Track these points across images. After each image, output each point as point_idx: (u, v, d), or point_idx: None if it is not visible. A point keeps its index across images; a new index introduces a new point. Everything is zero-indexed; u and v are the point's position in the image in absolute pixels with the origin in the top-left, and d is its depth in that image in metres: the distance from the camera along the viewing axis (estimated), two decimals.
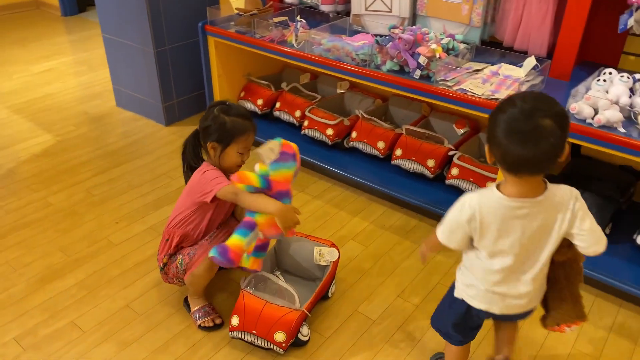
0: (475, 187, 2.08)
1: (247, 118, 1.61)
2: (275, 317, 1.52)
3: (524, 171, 1.09)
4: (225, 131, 1.56)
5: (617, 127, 1.62)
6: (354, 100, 2.65)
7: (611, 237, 1.91)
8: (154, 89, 2.85)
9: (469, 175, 2.08)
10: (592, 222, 1.18)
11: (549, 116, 1.03)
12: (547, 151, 1.05)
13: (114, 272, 1.89)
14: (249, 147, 1.62)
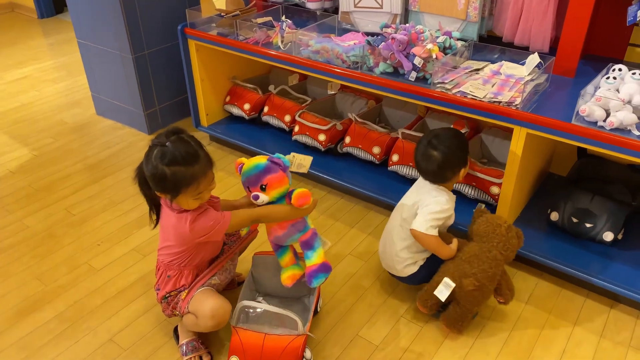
0: (479, 192, 1.97)
1: (191, 162, 1.33)
2: (279, 348, 1.40)
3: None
4: (167, 185, 1.33)
5: (631, 129, 1.51)
6: (346, 101, 2.52)
7: (624, 243, 1.82)
8: (134, 96, 2.70)
9: (471, 180, 1.97)
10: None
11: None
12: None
13: (96, 302, 1.76)
14: (206, 189, 1.39)
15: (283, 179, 1.47)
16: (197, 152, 1.37)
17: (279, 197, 1.48)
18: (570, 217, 1.80)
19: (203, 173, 1.36)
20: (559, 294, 1.76)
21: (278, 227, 1.52)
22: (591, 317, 1.68)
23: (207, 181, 1.38)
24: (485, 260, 1.54)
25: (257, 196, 1.46)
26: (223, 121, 2.67)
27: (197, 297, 1.46)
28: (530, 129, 1.61)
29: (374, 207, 2.21)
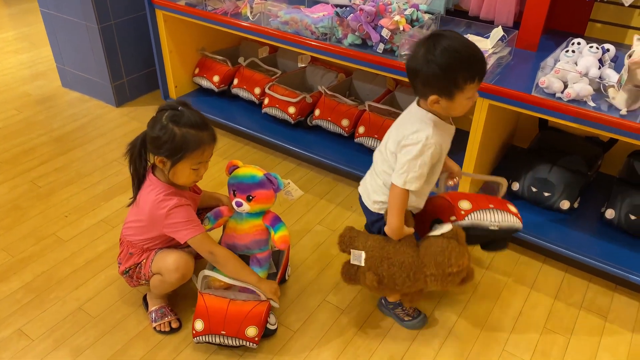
0: None
1: (202, 128, 1.37)
2: (243, 312, 1.43)
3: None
4: (175, 145, 1.34)
5: (587, 101, 1.57)
6: (316, 74, 2.53)
7: (579, 212, 1.90)
8: (101, 68, 2.65)
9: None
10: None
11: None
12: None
13: (64, 272, 1.76)
14: (205, 161, 1.43)
15: (271, 197, 1.51)
16: (207, 121, 1.41)
17: (258, 212, 1.53)
18: (529, 187, 1.87)
19: (209, 142, 1.40)
20: (518, 260, 1.84)
21: (240, 237, 1.54)
22: (547, 281, 1.76)
23: (209, 152, 1.41)
24: (408, 276, 1.35)
25: (241, 203, 1.49)
26: (192, 93, 2.65)
27: (158, 256, 1.48)
28: (491, 100, 1.66)
29: (342, 179, 2.24)
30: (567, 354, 1.52)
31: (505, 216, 1.46)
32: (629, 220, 1.74)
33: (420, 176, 1.31)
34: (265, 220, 1.54)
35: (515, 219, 1.48)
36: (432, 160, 1.31)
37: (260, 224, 1.53)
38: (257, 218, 1.53)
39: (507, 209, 1.49)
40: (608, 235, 1.80)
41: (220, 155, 2.38)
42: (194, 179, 1.44)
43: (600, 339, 1.57)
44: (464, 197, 1.50)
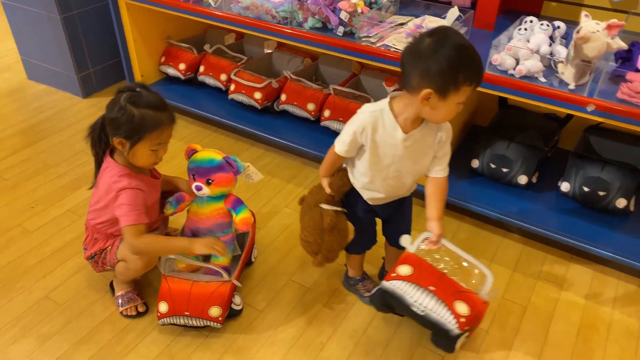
0: None
1: (161, 109, 1.39)
2: (206, 293, 1.46)
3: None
4: (133, 126, 1.35)
5: (537, 77, 1.61)
6: (282, 60, 2.54)
7: (537, 186, 1.96)
8: (66, 59, 2.63)
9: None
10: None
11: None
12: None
13: (30, 262, 1.76)
14: (164, 142, 1.43)
15: (231, 180, 1.53)
16: (165, 103, 1.43)
17: (219, 195, 1.54)
18: (488, 163, 1.92)
19: (168, 123, 1.41)
20: (478, 235, 1.89)
21: (202, 221, 1.55)
22: (506, 254, 1.82)
23: (168, 132, 1.42)
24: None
25: (200, 187, 1.51)
26: (159, 82, 2.64)
27: (123, 243, 1.49)
28: None
29: (310, 163, 2.27)
30: (523, 322, 1.58)
31: (440, 309, 1.24)
32: (583, 192, 1.80)
33: (343, 141, 1.33)
34: (227, 203, 1.56)
35: (451, 319, 1.23)
36: (356, 133, 1.30)
37: (222, 207, 1.56)
38: (219, 201, 1.56)
39: (452, 306, 1.24)
40: (564, 207, 1.86)
41: (188, 142, 2.39)
42: (153, 161, 1.45)
43: (556, 307, 1.63)
44: (421, 265, 1.32)
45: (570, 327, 1.57)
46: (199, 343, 1.50)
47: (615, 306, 1.64)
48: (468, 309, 1.23)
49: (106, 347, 1.49)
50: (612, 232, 1.77)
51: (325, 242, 1.42)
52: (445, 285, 1.28)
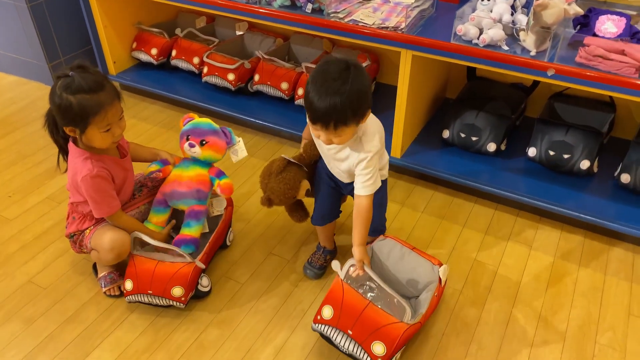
0: None
1: (96, 90, 1.32)
2: (169, 273, 1.48)
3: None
4: (74, 114, 1.32)
5: (500, 45, 1.67)
6: (254, 41, 2.56)
7: (506, 153, 2.03)
8: (35, 49, 2.60)
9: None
10: None
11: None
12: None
13: (11, 249, 1.77)
14: (114, 121, 1.38)
15: (222, 148, 1.61)
16: (102, 81, 1.36)
17: (207, 161, 1.61)
18: (458, 133, 1.98)
19: (110, 102, 1.36)
20: (452, 203, 1.96)
21: (182, 184, 1.59)
22: (478, 219, 1.89)
23: (114, 111, 1.37)
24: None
25: (194, 145, 1.58)
26: (132, 68, 2.64)
27: (97, 233, 1.51)
28: (414, 50, 1.74)
29: (286, 142, 2.31)
30: (495, 280, 1.66)
31: (359, 351, 1.30)
32: (549, 155, 1.87)
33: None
34: (211, 172, 1.61)
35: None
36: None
37: (205, 174, 1.60)
38: (204, 168, 1.61)
39: (369, 349, 1.29)
40: (532, 172, 1.94)
41: (164, 126, 2.40)
42: (110, 141, 1.42)
43: (526, 265, 1.71)
44: (342, 304, 1.34)
45: (540, 283, 1.65)
46: (183, 317, 1.54)
47: (581, 263, 1.72)
48: (384, 348, 1.27)
49: (92, 325, 1.52)
50: (577, 193, 1.85)
51: (270, 183, 1.50)
52: (364, 324, 1.30)
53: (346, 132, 1.26)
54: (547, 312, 1.56)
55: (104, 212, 1.47)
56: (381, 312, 1.31)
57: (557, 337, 1.48)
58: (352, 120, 1.24)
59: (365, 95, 1.25)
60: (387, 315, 1.30)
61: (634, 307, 1.57)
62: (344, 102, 1.20)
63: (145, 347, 1.46)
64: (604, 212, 1.77)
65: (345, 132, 1.26)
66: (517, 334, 1.49)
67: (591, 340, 1.48)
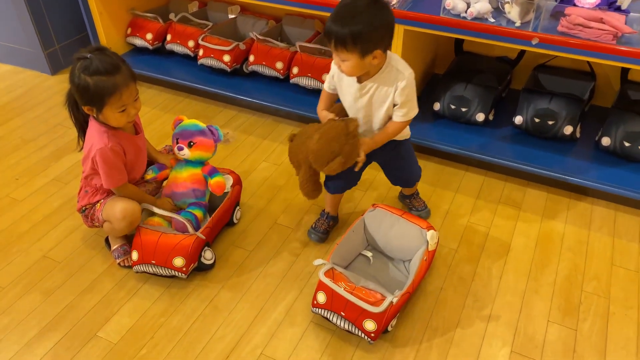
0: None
1: (113, 72, 1.39)
2: (171, 244, 1.55)
3: None
4: (91, 95, 1.40)
5: (487, 17, 1.76)
6: (246, 23, 2.62)
7: (494, 122, 2.13)
8: (31, 37, 2.64)
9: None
10: None
11: None
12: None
13: (23, 228, 1.84)
14: (129, 102, 1.45)
15: (211, 146, 1.68)
16: (119, 64, 1.43)
17: (198, 161, 1.68)
18: (448, 105, 2.08)
19: (125, 84, 1.42)
20: (443, 171, 2.06)
21: (179, 185, 1.68)
22: (469, 185, 1.99)
23: (129, 93, 1.44)
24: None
25: (182, 148, 1.66)
26: (128, 54, 2.68)
27: (108, 204, 1.58)
28: (405, 25, 1.83)
29: (283, 120, 2.38)
30: (487, 240, 1.76)
31: (353, 329, 1.40)
32: (534, 123, 1.97)
33: (327, 79, 1.56)
34: (204, 170, 1.69)
35: (364, 336, 1.40)
36: (331, 77, 1.53)
37: (198, 173, 1.69)
38: (197, 167, 1.69)
39: (361, 326, 1.37)
40: (519, 139, 2.04)
41: (162, 109, 2.46)
42: (125, 120, 1.49)
43: (516, 225, 1.82)
44: (333, 291, 1.40)
45: (529, 240, 1.76)
46: (196, 284, 1.62)
47: (567, 221, 1.83)
48: (375, 324, 1.36)
49: (109, 294, 1.60)
50: (562, 156, 1.96)
51: (347, 146, 1.43)
52: (354, 306, 1.37)
53: (348, 57, 1.32)
54: (536, 266, 1.67)
55: (113, 183, 1.54)
56: (367, 292, 1.38)
57: (546, 288, 1.60)
58: (351, 45, 1.30)
59: (374, 31, 1.30)
60: (373, 294, 1.38)
61: (616, 258, 1.69)
62: (348, 23, 1.28)
63: (162, 311, 1.54)
64: (587, 173, 1.88)
65: (346, 57, 1.32)
66: (510, 286, 1.60)
67: (578, 289, 1.59)
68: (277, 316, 1.52)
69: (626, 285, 1.60)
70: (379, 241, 1.65)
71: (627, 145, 1.87)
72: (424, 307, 1.55)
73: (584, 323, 1.50)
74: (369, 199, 1.94)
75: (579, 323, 1.50)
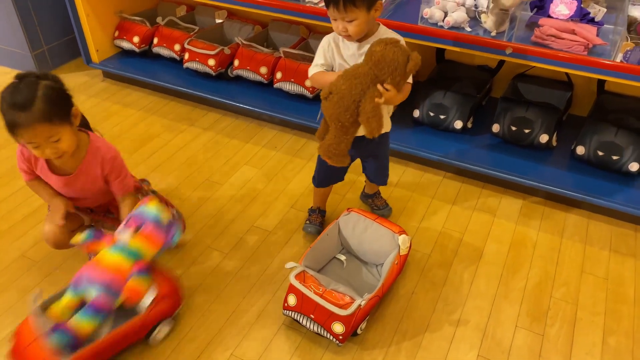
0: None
1: (20, 109, 1.25)
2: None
3: None
4: (4, 122, 1.30)
5: (464, 26, 1.79)
6: (233, 28, 2.65)
7: (473, 130, 2.17)
8: (18, 37, 2.66)
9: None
10: None
11: None
12: None
13: (2, 227, 1.85)
14: (38, 141, 1.30)
15: (158, 243, 1.36)
16: (32, 101, 1.27)
17: (135, 253, 1.34)
18: (428, 112, 2.11)
19: (28, 124, 1.27)
20: (422, 177, 2.09)
21: (97, 270, 1.32)
22: (446, 192, 2.02)
23: (34, 133, 1.29)
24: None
25: (128, 228, 1.36)
26: (115, 56, 2.71)
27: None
28: None
29: (266, 124, 2.41)
30: (461, 245, 1.79)
31: (322, 331, 1.42)
32: (511, 131, 2.01)
33: (316, 62, 1.51)
34: (134, 267, 1.32)
35: (332, 339, 1.42)
36: (325, 51, 1.50)
37: (126, 269, 1.31)
38: (130, 259, 1.32)
39: (330, 329, 1.40)
40: (496, 147, 2.08)
41: (147, 111, 2.49)
42: (42, 156, 1.37)
43: (489, 231, 1.84)
44: (302, 294, 1.42)
45: (502, 246, 1.78)
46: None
47: (541, 228, 1.86)
48: (343, 327, 1.39)
49: None
50: (537, 164, 1.99)
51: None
52: (323, 308, 1.39)
53: (357, 15, 1.34)
54: (508, 271, 1.70)
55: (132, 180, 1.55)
56: (336, 295, 1.40)
57: (516, 293, 1.62)
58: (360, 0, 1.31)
59: None
60: (342, 297, 1.40)
61: (587, 265, 1.72)
62: None
63: None
64: (562, 181, 1.91)
65: (355, 15, 1.34)
66: (481, 291, 1.63)
67: (547, 295, 1.62)
68: (249, 318, 1.54)
69: (594, 292, 1.63)
70: (352, 245, 1.67)
71: (601, 154, 1.90)
72: (394, 311, 1.57)
73: (551, 328, 1.52)
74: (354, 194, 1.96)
75: (546, 328, 1.52)
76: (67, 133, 1.35)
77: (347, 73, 1.37)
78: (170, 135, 2.33)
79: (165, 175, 2.10)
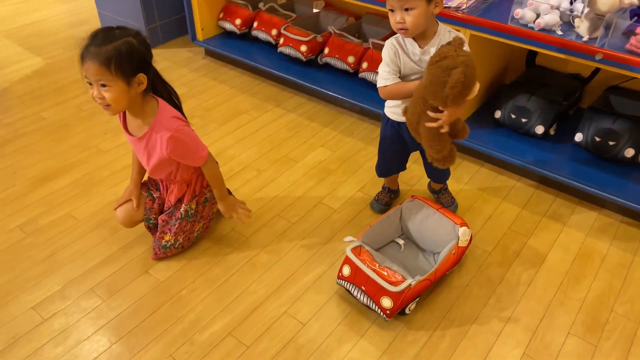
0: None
1: (90, 42, 1.37)
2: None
3: None
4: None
5: (555, 30, 1.77)
6: (328, 18, 2.77)
7: (555, 137, 2.12)
8: (136, 13, 2.95)
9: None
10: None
11: None
12: None
13: (103, 174, 2.10)
14: (91, 78, 1.38)
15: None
16: (102, 41, 1.37)
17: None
18: (509, 114, 2.09)
19: (88, 57, 1.36)
20: (495, 178, 2.08)
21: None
22: (518, 195, 2.00)
23: (87, 68, 1.36)
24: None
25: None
26: (217, 36, 2.93)
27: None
28: (472, 30, 1.88)
29: (346, 111, 2.50)
30: (524, 248, 1.77)
31: (371, 303, 1.48)
32: (594, 141, 1.94)
33: (382, 74, 1.52)
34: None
35: (380, 312, 1.48)
36: (391, 58, 1.51)
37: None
38: None
39: (379, 302, 1.46)
40: (577, 157, 2.02)
41: (239, 90, 2.67)
42: (91, 94, 1.42)
43: (557, 239, 1.81)
44: (357, 266, 1.50)
45: (568, 255, 1.74)
46: (240, 243, 1.78)
47: (613, 243, 1.79)
48: (391, 302, 1.44)
49: None
50: (619, 179, 1.91)
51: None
52: (373, 283, 1.46)
53: (416, 3, 1.33)
54: (569, 280, 1.66)
55: (205, 153, 1.57)
56: (389, 272, 1.46)
57: (574, 302, 1.59)
58: None
59: None
60: (394, 274, 1.45)
61: None
62: None
63: (206, 262, 1.72)
64: None
65: (415, 3, 1.33)
66: (537, 294, 1.61)
67: (608, 309, 1.57)
68: (306, 282, 1.64)
69: None
70: (412, 231, 1.72)
71: None
72: (445, 299, 1.60)
73: (606, 341, 1.48)
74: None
75: (601, 341, 1.48)
76: (118, 87, 1.39)
77: (414, 94, 1.42)
78: (257, 113, 2.49)
79: (248, 148, 2.25)
